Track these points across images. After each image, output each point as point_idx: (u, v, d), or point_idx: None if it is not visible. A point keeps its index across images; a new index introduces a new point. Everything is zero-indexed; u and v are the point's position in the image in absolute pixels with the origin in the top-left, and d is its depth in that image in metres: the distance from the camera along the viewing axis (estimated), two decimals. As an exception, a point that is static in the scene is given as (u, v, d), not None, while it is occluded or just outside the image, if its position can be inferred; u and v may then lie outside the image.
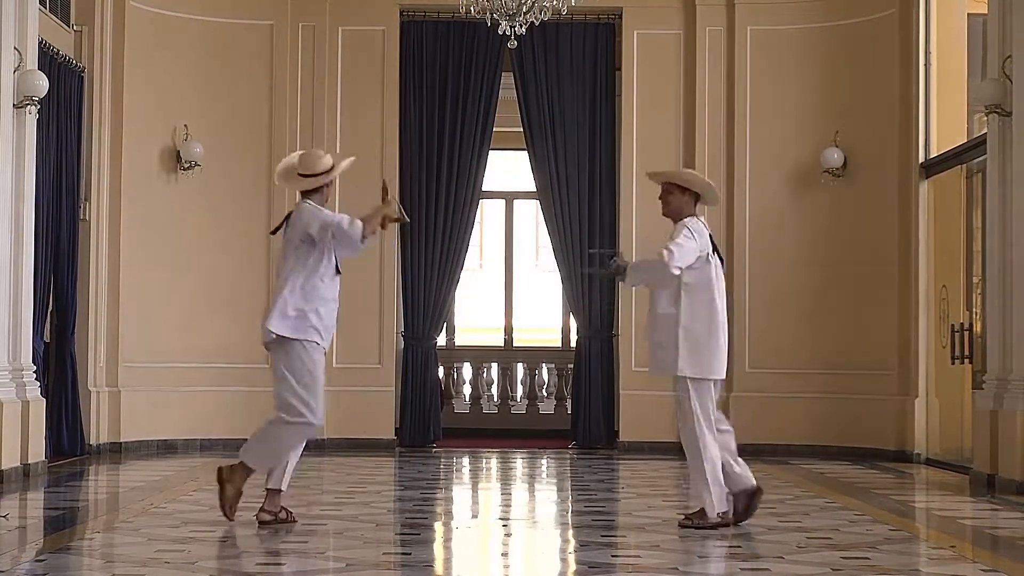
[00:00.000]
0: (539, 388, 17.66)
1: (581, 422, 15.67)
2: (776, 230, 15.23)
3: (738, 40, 15.39)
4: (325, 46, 15.52)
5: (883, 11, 14.75)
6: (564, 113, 15.68)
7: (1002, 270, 11.67)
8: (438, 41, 15.74)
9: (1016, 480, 11.06)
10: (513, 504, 11.35)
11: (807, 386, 15.02)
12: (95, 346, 14.38)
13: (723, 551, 8.07)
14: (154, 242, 14.88)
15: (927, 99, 14.25)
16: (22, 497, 10.70)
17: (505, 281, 18.01)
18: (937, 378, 14.21)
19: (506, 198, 18.36)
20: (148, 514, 9.48)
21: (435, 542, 8.72)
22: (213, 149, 15.02)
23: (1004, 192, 11.66)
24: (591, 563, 7.60)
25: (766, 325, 15.16)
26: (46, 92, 11.99)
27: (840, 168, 15.00)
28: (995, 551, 8.51)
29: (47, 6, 13.30)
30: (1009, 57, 11.57)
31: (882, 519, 9.53)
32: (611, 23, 15.78)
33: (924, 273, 14.29)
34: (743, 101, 15.36)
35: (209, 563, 7.41)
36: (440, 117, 15.68)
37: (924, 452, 14.07)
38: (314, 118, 15.46)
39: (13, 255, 11.71)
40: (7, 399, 11.49)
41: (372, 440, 15.33)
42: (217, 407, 14.98)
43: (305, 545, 8.18)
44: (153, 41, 14.84)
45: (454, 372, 17.68)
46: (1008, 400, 11.40)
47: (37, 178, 12.19)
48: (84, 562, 7.75)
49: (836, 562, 7.49)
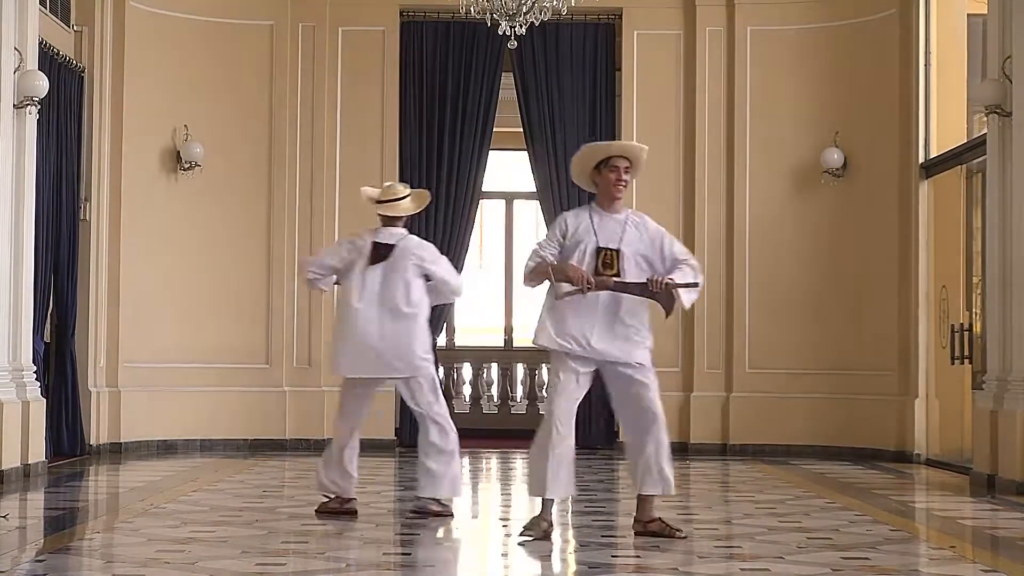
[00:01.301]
0: (539, 388, 17.63)
1: (581, 422, 15.54)
2: (776, 230, 15.22)
3: (738, 40, 15.39)
4: (325, 46, 15.52)
5: (883, 11, 14.76)
6: (564, 113, 15.68)
7: (1002, 270, 11.67)
8: (438, 41, 15.74)
9: (1016, 480, 11.06)
10: (513, 504, 11.35)
11: (807, 386, 15.02)
12: (95, 346, 14.38)
13: (723, 551, 8.07)
14: (154, 242, 14.88)
15: (927, 99, 14.25)
16: (22, 497, 10.70)
17: (505, 281, 18.01)
18: (937, 378, 14.21)
19: (506, 198, 18.36)
20: (148, 514, 9.48)
21: (435, 542, 8.71)
22: (213, 149, 15.02)
23: (1004, 192, 11.66)
24: (591, 563, 7.61)
25: (766, 325, 15.16)
26: (46, 92, 11.99)
27: (840, 168, 15.01)
28: (995, 551, 8.51)
29: (47, 6, 13.30)
30: (1009, 57, 11.57)
31: (882, 519, 9.53)
32: (611, 23, 15.78)
33: (924, 273, 14.29)
34: (743, 101, 15.36)
35: (209, 563, 7.41)
36: (440, 117, 15.68)
37: (924, 452, 14.07)
38: (314, 118, 15.46)
39: (13, 255, 11.71)
40: (7, 399, 11.49)
41: (372, 440, 15.27)
42: (217, 407, 14.98)
43: (305, 545, 8.19)
44: (153, 41, 14.84)
45: (454, 372, 17.68)
46: (1008, 400, 11.40)
47: (37, 178, 12.20)
48: (84, 562, 7.75)
49: (836, 562, 7.49)
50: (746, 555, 7.85)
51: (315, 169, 15.43)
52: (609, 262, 8.40)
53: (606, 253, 8.38)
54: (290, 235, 15.32)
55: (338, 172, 15.47)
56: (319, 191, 15.45)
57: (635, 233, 8.47)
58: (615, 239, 8.41)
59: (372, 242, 9.47)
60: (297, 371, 15.30)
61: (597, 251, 8.39)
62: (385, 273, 9.35)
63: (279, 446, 15.04)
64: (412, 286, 9.36)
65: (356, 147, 15.56)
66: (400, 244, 9.47)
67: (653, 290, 8.33)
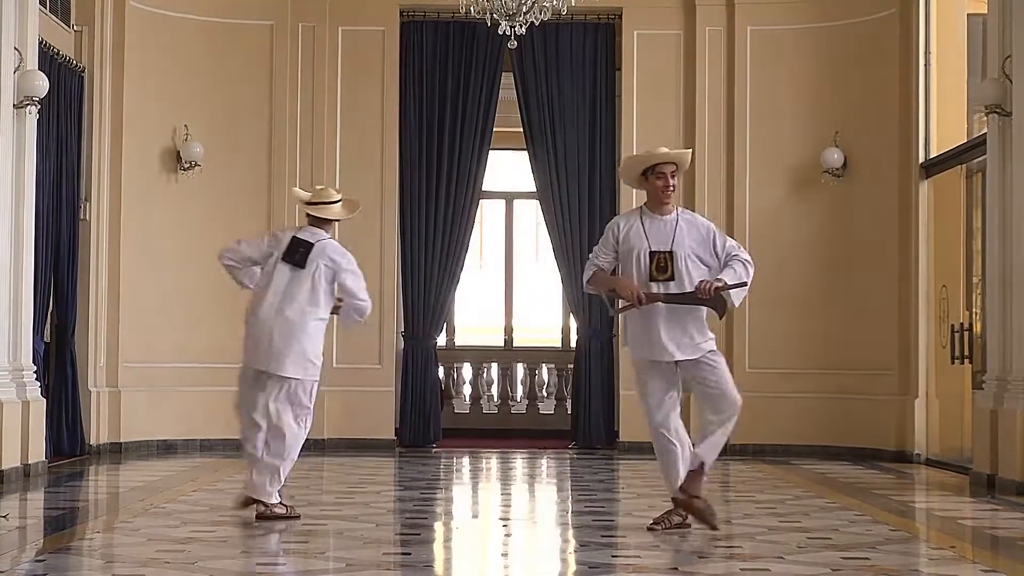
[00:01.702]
0: (539, 388, 17.65)
1: (581, 422, 15.67)
2: (776, 230, 15.22)
3: (738, 40, 15.39)
4: (325, 46, 15.52)
5: (883, 11, 14.75)
6: (564, 113, 15.67)
7: (1002, 270, 11.67)
8: (438, 41, 15.74)
9: (1016, 480, 11.06)
10: (513, 504, 11.35)
11: (807, 386, 15.02)
12: (95, 346, 14.38)
13: (723, 551, 8.07)
14: (154, 242, 14.87)
15: (927, 99, 14.25)
16: (22, 497, 10.70)
17: (505, 281, 18.01)
18: (937, 378, 14.21)
19: (506, 198, 18.35)
20: (148, 514, 9.48)
21: (435, 542, 8.72)
22: (213, 149, 15.01)
23: (1004, 192, 11.65)
24: (591, 563, 7.60)
25: (766, 325, 15.15)
26: (46, 92, 11.98)
27: (840, 168, 15.00)
28: (995, 551, 8.51)
29: (47, 6, 13.30)
30: (1009, 57, 11.57)
31: (882, 519, 9.53)
32: (611, 23, 15.78)
33: (924, 273, 14.29)
34: (743, 101, 15.36)
35: (209, 563, 7.41)
36: (440, 117, 15.68)
37: (924, 452, 14.07)
38: (314, 118, 15.46)
39: (13, 255, 11.71)
40: (7, 399, 11.49)
41: (372, 440, 15.33)
42: (217, 407, 14.91)
43: (305, 545, 8.19)
44: (153, 41, 14.84)
45: (454, 372, 17.67)
46: (1008, 400, 11.40)
47: (37, 178, 12.19)
48: (84, 562, 7.75)
49: (836, 562, 7.49)
50: (746, 555, 7.85)
51: (315, 169, 15.42)
52: (663, 265, 8.59)
53: (659, 257, 8.57)
54: (290, 235, 15.30)
55: (338, 172, 15.47)
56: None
57: (686, 232, 8.66)
58: (667, 241, 8.59)
59: (292, 236, 9.34)
60: (297, 371, 15.27)
61: (650, 255, 8.57)
62: (296, 270, 9.21)
63: (279, 446, 15.01)
64: (319, 288, 9.19)
65: (356, 147, 15.56)
66: (318, 244, 9.28)
67: (702, 297, 8.53)
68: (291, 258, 9.18)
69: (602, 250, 8.74)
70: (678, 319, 8.60)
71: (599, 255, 8.73)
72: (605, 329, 15.70)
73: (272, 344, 9.09)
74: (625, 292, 8.52)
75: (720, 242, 8.74)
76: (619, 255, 8.67)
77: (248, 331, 9.25)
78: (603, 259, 8.71)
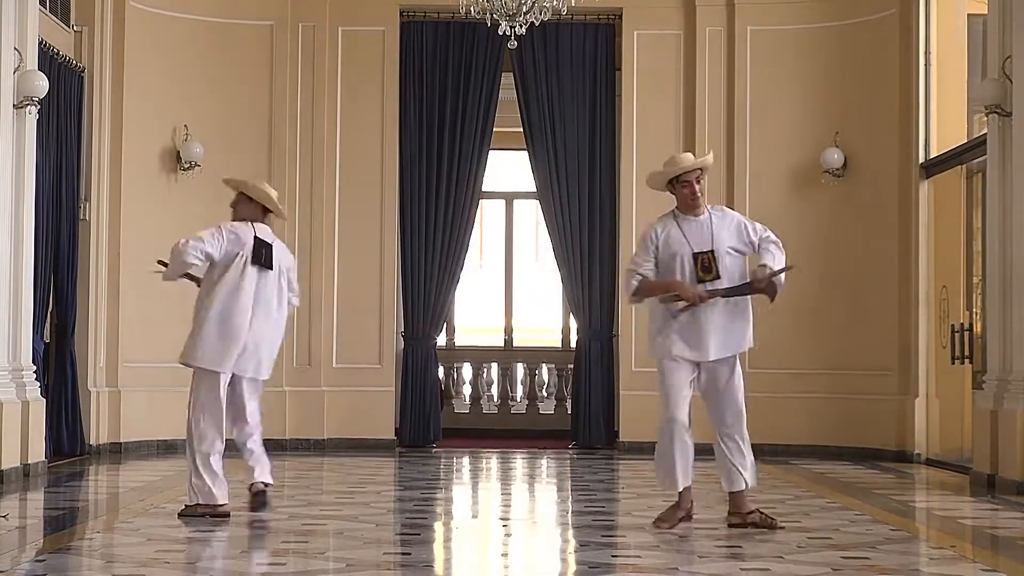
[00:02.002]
0: (539, 388, 17.65)
1: (581, 422, 15.66)
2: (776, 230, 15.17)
3: (738, 40, 15.38)
4: (325, 46, 15.51)
5: (883, 11, 14.75)
6: (564, 113, 15.68)
7: (1002, 270, 11.67)
8: (438, 41, 15.74)
9: (1016, 480, 11.06)
10: (513, 504, 11.35)
11: (807, 386, 15.01)
12: (95, 346, 14.37)
13: (723, 551, 8.07)
14: (154, 242, 14.80)
15: (927, 99, 14.24)
16: (22, 497, 10.70)
17: (505, 281, 18.00)
18: (937, 378, 14.21)
19: (506, 198, 18.35)
20: (148, 514, 9.48)
21: (435, 542, 8.71)
22: (213, 149, 15.00)
23: (1004, 192, 11.65)
24: (591, 563, 7.60)
25: (766, 325, 15.09)
26: (46, 92, 11.98)
27: (840, 168, 15.00)
28: (995, 551, 8.51)
29: (47, 6, 13.30)
30: (1009, 57, 11.56)
31: (882, 519, 9.52)
32: (611, 23, 15.78)
33: (924, 273, 14.28)
34: (743, 101, 15.35)
35: (209, 563, 7.41)
36: (440, 117, 15.67)
37: (924, 452, 14.07)
38: (314, 118, 15.46)
39: (13, 255, 11.71)
40: (7, 399, 11.49)
41: (372, 440, 15.32)
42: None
43: (305, 545, 8.18)
44: (153, 41, 14.84)
45: (454, 372, 17.67)
46: (1008, 400, 11.40)
47: (37, 178, 12.19)
48: (84, 562, 7.75)
49: (836, 562, 7.49)
50: (746, 555, 7.85)
51: (315, 169, 15.42)
52: (708, 265, 8.74)
53: (703, 257, 8.72)
54: (289, 235, 15.29)
55: (338, 172, 15.47)
56: (319, 191, 15.45)
57: (721, 228, 8.84)
58: (706, 241, 8.75)
59: (255, 237, 9.34)
60: (297, 371, 15.29)
61: (695, 257, 8.70)
62: (263, 271, 9.26)
63: (279, 446, 14.99)
64: (283, 288, 9.35)
65: (356, 147, 15.55)
66: (276, 244, 9.43)
67: (757, 287, 8.86)
68: (259, 260, 9.21)
69: (643, 258, 8.77)
70: (731, 318, 8.83)
71: (641, 264, 8.76)
72: (605, 329, 15.71)
73: (257, 350, 9.21)
74: (687, 293, 8.62)
75: (752, 229, 9.01)
76: (659, 261, 8.73)
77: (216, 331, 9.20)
78: (646, 267, 8.76)
